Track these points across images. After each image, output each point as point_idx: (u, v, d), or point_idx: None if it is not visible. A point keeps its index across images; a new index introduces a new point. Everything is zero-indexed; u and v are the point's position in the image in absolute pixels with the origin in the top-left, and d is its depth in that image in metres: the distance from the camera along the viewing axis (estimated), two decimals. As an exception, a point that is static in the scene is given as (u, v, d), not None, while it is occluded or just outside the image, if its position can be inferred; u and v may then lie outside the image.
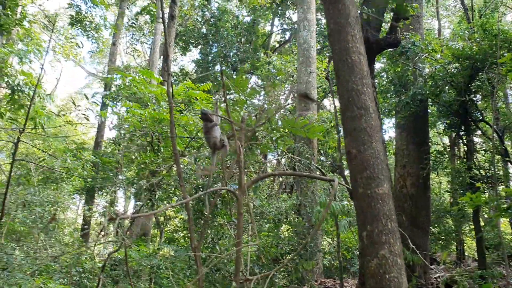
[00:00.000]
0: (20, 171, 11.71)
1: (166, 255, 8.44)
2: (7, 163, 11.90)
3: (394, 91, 9.84)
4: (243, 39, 18.32)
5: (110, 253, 6.30)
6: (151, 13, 14.22)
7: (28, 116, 6.02)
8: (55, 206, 9.67)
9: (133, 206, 12.03)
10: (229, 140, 4.06)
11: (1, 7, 9.40)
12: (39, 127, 9.44)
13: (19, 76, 10.70)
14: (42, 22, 20.65)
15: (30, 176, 10.15)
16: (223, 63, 17.47)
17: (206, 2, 18.19)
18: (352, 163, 2.33)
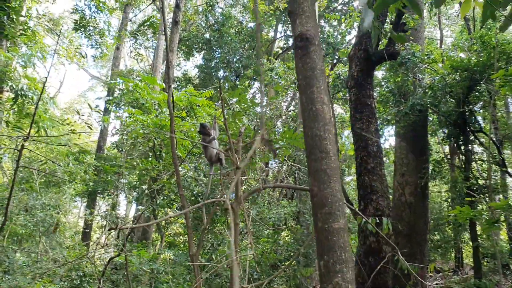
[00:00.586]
0: (22, 173, 11.84)
1: (167, 259, 8.54)
2: (11, 169, 12.03)
3: (394, 101, 9.94)
4: (246, 45, 18.45)
5: (110, 258, 6.41)
6: (154, 25, 14.37)
7: (32, 123, 6.14)
8: (57, 209, 9.78)
9: (134, 210, 12.14)
10: (227, 152, 4.17)
11: (6, 18, 9.55)
12: (42, 131, 9.57)
13: (22, 80, 10.84)
14: (46, 25, 20.86)
15: (32, 180, 10.27)
16: (226, 68, 17.59)
17: (210, 7, 18.34)
18: (314, 200, 2.66)
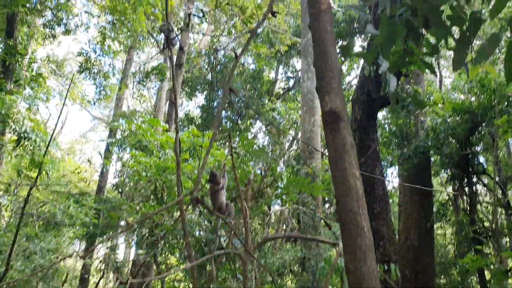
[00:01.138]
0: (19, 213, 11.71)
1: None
2: (8, 212, 11.88)
3: (396, 143, 9.97)
4: (248, 85, 18.72)
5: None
6: (162, 73, 14.64)
7: (40, 172, 6.11)
8: (56, 253, 9.59)
9: (134, 254, 11.91)
10: (235, 200, 4.12)
11: (16, 64, 9.72)
12: (44, 173, 9.53)
13: (26, 122, 10.88)
14: (50, 67, 21.23)
15: (31, 223, 10.13)
16: (228, 108, 17.76)
17: (214, 50, 18.74)
18: (349, 277, 2.61)
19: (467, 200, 9.59)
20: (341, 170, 2.69)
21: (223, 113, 17.86)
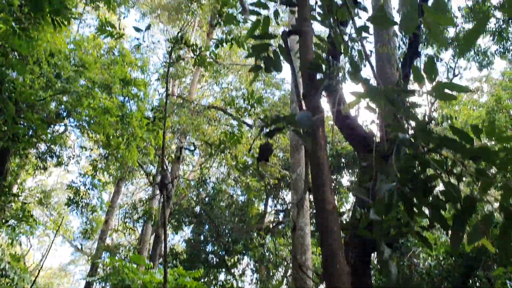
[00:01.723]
0: None
1: None
2: None
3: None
4: (236, 218, 18.55)
5: None
6: (151, 216, 14.69)
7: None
8: None
9: None
10: None
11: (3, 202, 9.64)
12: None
13: (5, 258, 10.38)
14: (37, 197, 21.02)
15: None
16: (215, 242, 17.31)
17: (203, 182, 18.95)
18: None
19: None
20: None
21: (209, 247, 17.38)
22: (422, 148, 2.16)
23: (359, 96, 2.63)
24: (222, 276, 17.76)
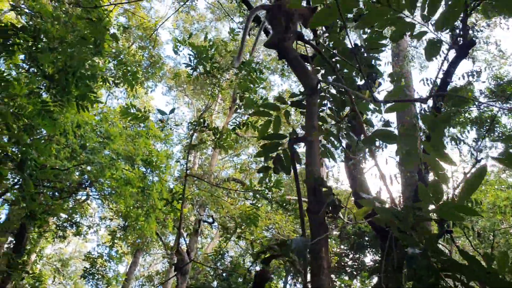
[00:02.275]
0: None
1: None
2: None
3: None
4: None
5: None
6: None
7: None
8: None
9: None
10: None
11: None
12: None
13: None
14: (54, 265, 20.82)
15: None
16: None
17: (220, 256, 18.48)
18: None
19: None
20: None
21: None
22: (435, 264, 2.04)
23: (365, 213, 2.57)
24: None
